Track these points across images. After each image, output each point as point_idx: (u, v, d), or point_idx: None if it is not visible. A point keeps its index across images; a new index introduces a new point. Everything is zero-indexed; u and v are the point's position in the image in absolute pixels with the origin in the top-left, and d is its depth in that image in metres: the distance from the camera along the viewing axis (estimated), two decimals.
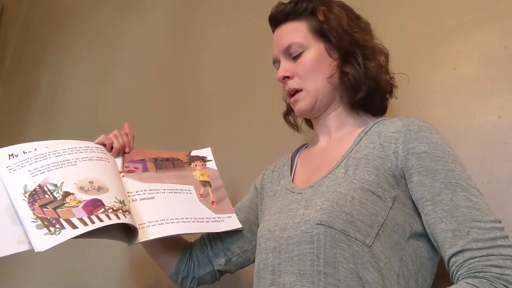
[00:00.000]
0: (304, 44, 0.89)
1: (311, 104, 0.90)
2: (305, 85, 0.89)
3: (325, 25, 0.89)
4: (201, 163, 1.05)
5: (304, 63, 0.89)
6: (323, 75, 0.88)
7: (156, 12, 1.74)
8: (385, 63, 0.92)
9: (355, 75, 0.87)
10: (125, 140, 1.02)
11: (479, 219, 0.70)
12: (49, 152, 0.87)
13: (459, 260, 0.69)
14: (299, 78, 0.90)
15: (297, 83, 0.90)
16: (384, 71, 0.91)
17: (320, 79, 0.88)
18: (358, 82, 0.87)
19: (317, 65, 0.88)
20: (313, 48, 0.89)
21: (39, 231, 0.75)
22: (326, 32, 0.89)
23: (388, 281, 0.71)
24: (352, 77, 0.87)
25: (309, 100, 0.89)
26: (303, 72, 0.89)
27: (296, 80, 0.90)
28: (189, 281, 1.00)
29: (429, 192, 0.74)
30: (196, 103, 1.49)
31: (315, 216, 0.75)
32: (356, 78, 0.87)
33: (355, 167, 0.80)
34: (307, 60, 0.89)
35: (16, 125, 2.06)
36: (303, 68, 0.89)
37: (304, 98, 0.90)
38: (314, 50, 0.89)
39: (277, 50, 0.93)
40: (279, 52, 0.92)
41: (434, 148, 0.77)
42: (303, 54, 0.89)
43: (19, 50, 2.26)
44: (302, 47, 0.89)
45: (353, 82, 0.87)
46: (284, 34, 0.92)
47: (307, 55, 0.89)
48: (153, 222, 0.89)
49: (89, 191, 0.83)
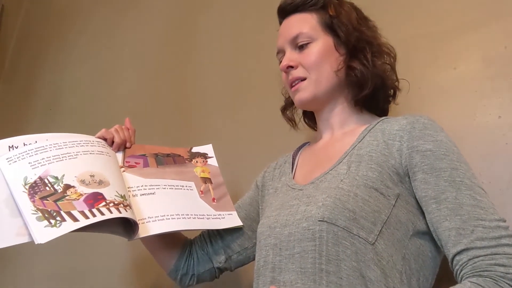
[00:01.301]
0: (313, 35, 0.89)
1: (311, 95, 0.89)
2: (309, 74, 0.89)
3: (335, 19, 0.89)
4: (202, 160, 1.05)
5: (310, 54, 0.89)
6: (330, 67, 0.88)
7: (156, 11, 1.75)
8: (393, 64, 0.92)
9: (362, 71, 0.87)
10: (126, 135, 1.01)
11: (483, 218, 0.70)
12: (50, 145, 0.86)
13: (463, 259, 0.69)
14: (303, 68, 0.89)
15: (301, 72, 0.89)
16: (391, 71, 0.91)
17: (327, 70, 0.88)
18: (365, 78, 0.87)
19: (324, 57, 0.88)
20: (321, 41, 0.89)
21: (39, 223, 0.75)
22: (335, 27, 0.89)
23: (390, 279, 0.71)
24: (360, 72, 0.87)
25: (311, 90, 0.89)
26: (309, 62, 0.88)
27: (301, 70, 0.90)
28: (189, 278, 1.00)
29: (433, 190, 0.74)
30: (197, 101, 1.49)
31: (317, 212, 0.74)
32: (364, 74, 0.87)
33: (357, 163, 0.80)
34: (313, 51, 0.88)
35: (16, 125, 2.05)
36: (309, 58, 0.88)
37: (306, 88, 0.89)
38: (322, 43, 0.89)
39: (284, 39, 0.92)
40: (286, 41, 0.92)
41: (439, 146, 0.76)
42: (310, 45, 0.89)
43: (19, 50, 2.25)
44: (310, 38, 0.89)
45: (360, 78, 0.87)
46: (293, 24, 0.92)
47: (314, 46, 0.89)
48: (154, 217, 0.88)
49: (90, 185, 0.82)
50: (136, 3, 1.83)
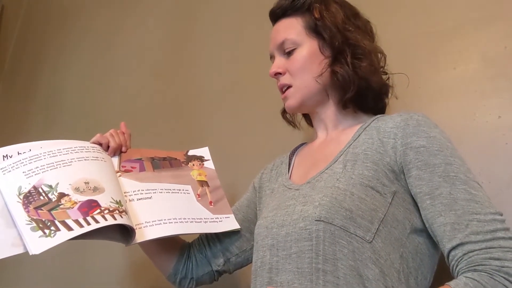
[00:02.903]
0: (297, 41, 0.90)
1: (298, 102, 0.90)
2: (294, 81, 0.90)
3: (319, 22, 0.89)
4: (199, 163, 1.05)
5: (295, 60, 0.89)
6: (312, 74, 0.88)
7: (155, 13, 1.74)
8: (377, 64, 0.91)
9: (343, 75, 0.86)
10: (121, 139, 1.01)
11: (478, 212, 0.69)
12: (44, 153, 0.86)
13: (459, 254, 0.68)
14: (290, 75, 0.90)
15: (287, 79, 0.91)
16: (375, 71, 0.89)
17: (309, 77, 0.89)
18: (347, 82, 0.86)
19: (308, 63, 0.88)
20: (306, 45, 0.89)
21: (34, 233, 0.74)
22: (319, 29, 0.89)
23: (388, 278, 0.70)
24: (341, 76, 0.86)
25: (297, 97, 0.90)
26: (294, 69, 0.90)
27: (287, 77, 0.91)
28: (187, 281, 1.00)
29: (427, 186, 0.74)
30: (194, 103, 1.48)
31: (314, 212, 0.74)
32: (345, 78, 0.86)
33: (353, 162, 0.80)
34: (298, 57, 0.89)
35: (16, 125, 2.06)
36: (294, 65, 0.89)
37: (292, 95, 0.91)
38: (306, 47, 0.89)
39: (273, 45, 0.94)
40: (274, 47, 0.93)
41: (433, 142, 0.76)
42: (296, 51, 0.90)
43: (19, 50, 2.26)
44: (295, 44, 0.90)
45: (342, 81, 0.86)
46: (280, 30, 0.92)
47: (300, 52, 0.89)
48: (151, 222, 0.88)
49: (85, 192, 0.82)
50: (135, 4, 1.83)
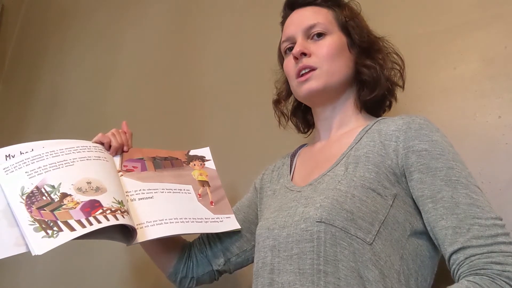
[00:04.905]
0: (329, 28, 0.90)
1: (321, 85, 0.87)
2: (321, 65, 0.87)
3: (350, 21, 0.90)
4: (200, 163, 1.05)
5: (326, 45, 0.88)
6: (343, 61, 0.89)
7: (156, 12, 1.74)
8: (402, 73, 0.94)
9: (373, 74, 0.88)
10: (123, 138, 1.01)
11: (479, 216, 0.69)
12: (46, 153, 0.86)
13: (460, 258, 0.68)
14: (316, 58, 0.88)
15: (313, 61, 0.88)
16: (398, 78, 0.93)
17: (337, 66, 0.88)
18: (378, 80, 0.88)
19: (338, 52, 0.88)
20: (336, 36, 0.90)
21: (36, 234, 0.74)
22: (349, 28, 0.90)
23: (388, 280, 0.71)
24: (370, 75, 0.88)
25: (322, 81, 0.87)
26: (323, 53, 0.88)
27: (313, 59, 0.88)
28: (188, 281, 1.00)
29: (429, 189, 0.74)
30: (196, 102, 1.48)
31: (315, 213, 0.74)
32: (374, 77, 0.88)
33: (355, 165, 0.80)
34: (329, 43, 0.88)
35: (16, 125, 2.06)
36: (324, 50, 0.88)
37: (317, 77, 0.87)
38: (337, 38, 0.90)
39: (296, 27, 0.91)
40: (299, 29, 0.90)
41: (435, 146, 0.76)
42: (326, 37, 0.89)
43: (19, 50, 2.26)
44: (327, 30, 0.89)
45: (370, 80, 0.88)
46: (309, 14, 0.91)
47: (330, 39, 0.89)
48: (152, 222, 0.88)
49: (87, 192, 0.82)
50: (135, 3, 1.83)
